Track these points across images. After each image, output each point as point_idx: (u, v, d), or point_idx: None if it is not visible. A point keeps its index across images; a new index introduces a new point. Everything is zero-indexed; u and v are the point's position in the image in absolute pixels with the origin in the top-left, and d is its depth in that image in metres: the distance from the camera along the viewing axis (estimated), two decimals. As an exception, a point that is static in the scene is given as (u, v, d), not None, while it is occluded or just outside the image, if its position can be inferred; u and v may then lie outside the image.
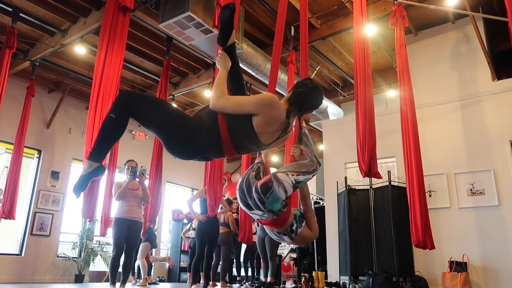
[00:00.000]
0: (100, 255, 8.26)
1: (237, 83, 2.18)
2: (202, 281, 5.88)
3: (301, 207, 2.44)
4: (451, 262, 5.53)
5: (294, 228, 2.33)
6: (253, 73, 6.51)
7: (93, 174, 2.05)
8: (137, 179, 5.12)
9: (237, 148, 1.99)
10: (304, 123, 2.59)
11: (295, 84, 2.17)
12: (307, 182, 2.42)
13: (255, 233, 6.68)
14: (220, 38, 2.11)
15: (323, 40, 6.65)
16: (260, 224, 6.36)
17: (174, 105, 1.78)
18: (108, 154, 5.85)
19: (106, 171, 7.22)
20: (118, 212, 5.00)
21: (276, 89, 5.71)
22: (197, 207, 5.80)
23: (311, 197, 2.62)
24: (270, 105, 1.92)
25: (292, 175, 2.27)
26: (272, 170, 2.41)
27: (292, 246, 7.79)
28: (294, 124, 2.20)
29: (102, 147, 2.08)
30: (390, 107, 7.39)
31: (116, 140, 2.12)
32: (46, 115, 8.18)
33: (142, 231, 5.51)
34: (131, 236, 4.94)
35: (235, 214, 7.01)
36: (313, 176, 2.35)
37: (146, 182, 5.65)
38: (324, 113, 8.17)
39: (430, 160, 6.02)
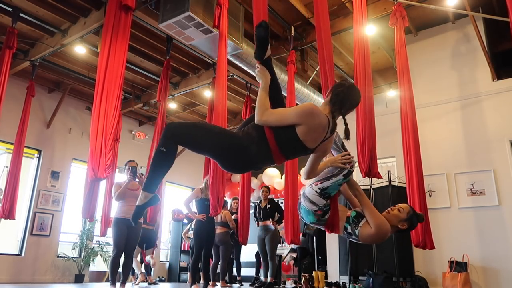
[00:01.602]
0: (100, 255, 8.26)
1: (276, 94, 2.26)
2: (202, 281, 5.88)
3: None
4: (451, 262, 5.53)
5: (349, 230, 2.47)
6: (253, 73, 6.51)
7: (149, 203, 2.19)
8: (136, 180, 5.13)
9: (286, 155, 2.15)
10: None
11: (333, 86, 2.26)
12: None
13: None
14: (257, 53, 2.23)
15: (323, 40, 6.63)
16: (259, 224, 6.40)
17: (219, 126, 1.83)
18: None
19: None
20: (117, 212, 5.01)
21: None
22: (195, 208, 5.81)
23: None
24: (311, 115, 2.03)
25: (316, 185, 2.44)
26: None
27: (293, 246, 7.79)
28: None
29: (155, 179, 2.19)
30: (390, 107, 7.38)
31: (167, 170, 2.19)
32: (46, 115, 8.18)
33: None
34: (131, 237, 4.95)
35: (234, 215, 7.01)
36: (343, 176, 2.40)
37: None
38: (324, 113, 8.16)
39: (430, 160, 6.02)
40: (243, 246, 7.74)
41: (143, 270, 7.28)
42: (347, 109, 2.20)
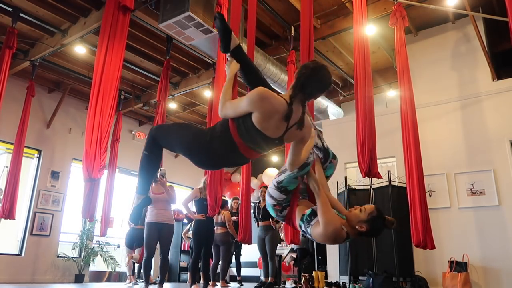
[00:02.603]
0: (100, 255, 8.26)
1: (255, 81, 2.15)
2: (202, 281, 5.88)
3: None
4: (451, 262, 5.53)
5: (303, 228, 2.29)
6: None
7: (142, 204, 2.35)
8: (154, 182, 5.20)
9: (253, 148, 2.03)
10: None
11: (299, 68, 2.08)
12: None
13: None
14: (222, 46, 2.18)
15: (323, 40, 6.64)
16: (259, 224, 6.39)
17: (195, 125, 1.87)
18: (108, 155, 5.87)
19: (106, 171, 7.25)
20: (148, 216, 5.19)
21: (276, 89, 5.70)
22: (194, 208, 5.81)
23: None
24: (261, 100, 1.91)
25: (275, 179, 2.32)
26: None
27: (293, 246, 7.79)
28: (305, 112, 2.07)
29: (144, 181, 2.31)
30: (390, 107, 7.39)
31: (155, 171, 2.35)
32: (46, 115, 8.18)
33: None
34: (163, 238, 5.15)
35: (234, 217, 7.00)
36: (300, 168, 2.23)
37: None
38: (324, 113, 8.17)
39: (430, 160, 6.01)
40: (243, 246, 7.75)
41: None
42: (310, 93, 1.99)
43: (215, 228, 6.04)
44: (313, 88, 1.99)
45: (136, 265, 7.59)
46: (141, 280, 7.07)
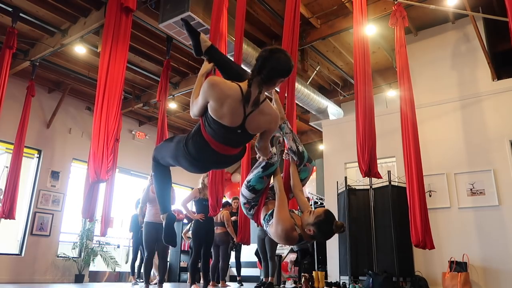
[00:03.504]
0: (100, 255, 8.26)
1: (235, 76, 2.13)
2: (202, 281, 5.88)
3: None
4: (451, 262, 5.53)
5: (265, 228, 2.34)
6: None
7: (168, 222, 2.42)
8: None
9: (223, 143, 2.01)
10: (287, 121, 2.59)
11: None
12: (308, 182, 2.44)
13: None
14: (193, 50, 2.23)
15: (323, 40, 6.65)
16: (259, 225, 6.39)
17: (180, 134, 2.00)
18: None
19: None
20: (147, 216, 5.22)
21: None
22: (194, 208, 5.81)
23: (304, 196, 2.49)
24: (210, 86, 1.92)
25: (246, 178, 2.39)
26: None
27: (293, 247, 7.78)
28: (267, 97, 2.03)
29: (163, 200, 2.44)
30: (390, 107, 7.38)
31: (169, 188, 2.43)
32: (46, 115, 8.18)
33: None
34: (161, 239, 5.07)
35: (234, 217, 7.00)
36: (262, 168, 2.29)
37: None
38: (324, 113, 8.17)
39: (430, 160, 6.01)
40: (243, 246, 7.74)
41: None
42: (267, 76, 1.92)
43: (214, 228, 6.03)
44: (269, 70, 1.93)
45: (136, 265, 7.59)
46: (141, 280, 7.07)
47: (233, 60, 3.81)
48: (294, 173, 2.50)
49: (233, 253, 7.65)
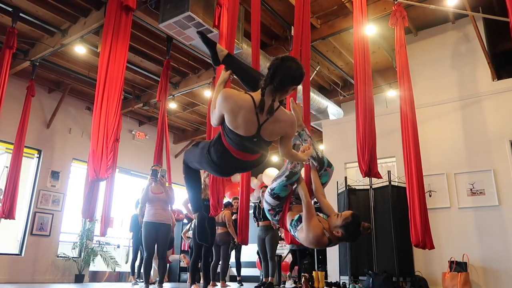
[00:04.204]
0: (100, 255, 8.26)
1: (252, 82, 2.23)
2: (202, 281, 5.87)
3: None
4: (451, 262, 5.53)
5: (292, 233, 2.45)
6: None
7: (199, 220, 2.56)
8: (154, 181, 5.19)
9: (242, 150, 2.08)
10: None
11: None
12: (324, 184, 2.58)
13: None
14: (212, 60, 2.30)
15: (323, 40, 6.64)
16: (259, 224, 6.39)
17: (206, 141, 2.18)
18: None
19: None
20: (146, 216, 5.19)
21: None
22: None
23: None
24: (225, 99, 2.00)
25: (269, 186, 2.51)
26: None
27: (289, 246, 7.76)
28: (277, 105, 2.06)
29: (194, 200, 2.57)
30: (390, 107, 7.38)
31: (199, 189, 2.57)
32: (46, 115, 8.18)
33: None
34: (160, 238, 5.14)
35: (235, 215, 7.00)
36: (286, 177, 2.40)
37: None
38: (324, 113, 8.17)
39: (430, 160, 6.02)
40: (243, 246, 7.74)
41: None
42: (279, 84, 1.97)
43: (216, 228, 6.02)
44: (281, 78, 1.97)
45: (136, 265, 7.59)
46: (141, 280, 7.07)
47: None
48: (315, 178, 2.58)
49: (233, 253, 7.65)
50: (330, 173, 2.65)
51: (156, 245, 5.20)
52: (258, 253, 7.56)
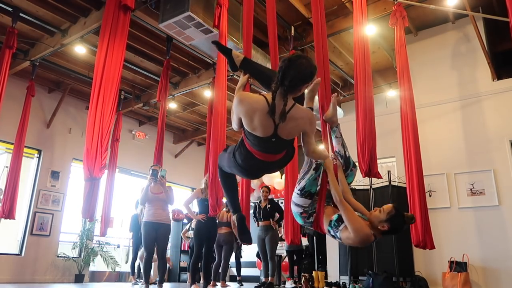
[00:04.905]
0: (100, 255, 8.26)
1: (265, 79, 2.29)
2: (202, 281, 5.87)
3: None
4: (451, 262, 5.53)
5: (332, 233, 2.39)
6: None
7: (241, 221, 2.58)
8: (153, 181, 5.19)
9: (264, 151, 2.11)
10: None
11: None
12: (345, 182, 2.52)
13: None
14: (229, 66, 2.36)
15: (323, 40, 6.63)
16: (259, 224, 6.39)
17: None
18: (108, 155, 5.87)
19: (106, 171, 7.23)
20: (145, 216, 5.19)
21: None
22: (195, 208, 5.80)
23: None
24: (239, 104, 2.04)
25: (296, 187, 2.46)
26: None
27: (286, 248, 7.72)
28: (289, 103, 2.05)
29: (232, 201, 2.55)
30: (390, 107, 7.38)
31: (235, 190, 2.54)
32: (46, 115, 8.18)
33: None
34: (160, 238, 5.14)
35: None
36: (314, 170, 2.36)
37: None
38: (324, 113, 8.15)
39: (430, 160, 6.02)
40: (243, 246, 7.74)
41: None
42: (289, 85, 1.94)
43: (219, 227, 6.01)
44: (291, 80, 1.95)
45: (137, 265, 7.59)
46: (141, 280, 7.07)
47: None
48: (342, 179, 2.54)
49: (233, 253, 7.64)
50: (354, 173, 2.66)
51: (156, 245, 5.20)
52: (257, 254, 7.56)
